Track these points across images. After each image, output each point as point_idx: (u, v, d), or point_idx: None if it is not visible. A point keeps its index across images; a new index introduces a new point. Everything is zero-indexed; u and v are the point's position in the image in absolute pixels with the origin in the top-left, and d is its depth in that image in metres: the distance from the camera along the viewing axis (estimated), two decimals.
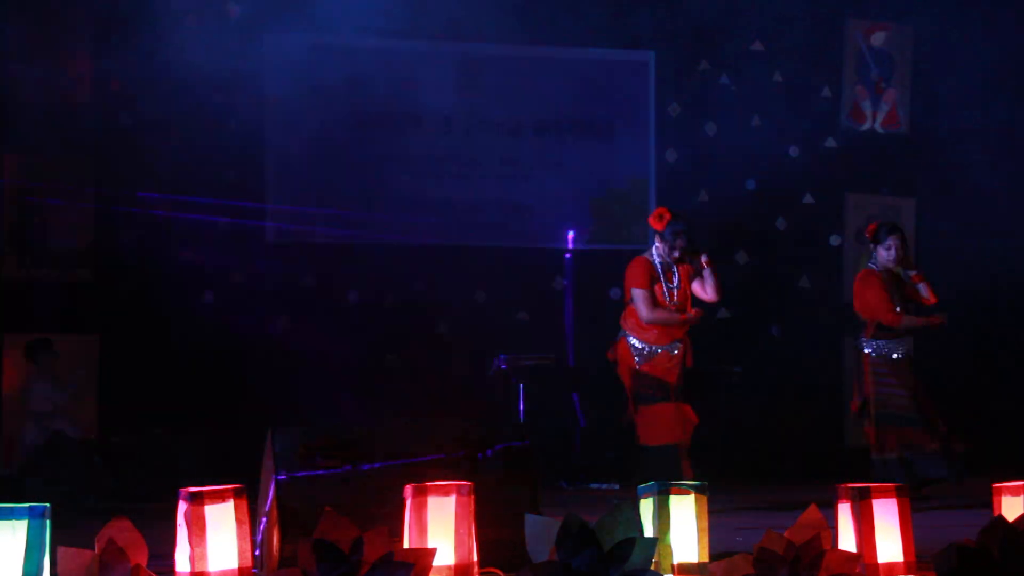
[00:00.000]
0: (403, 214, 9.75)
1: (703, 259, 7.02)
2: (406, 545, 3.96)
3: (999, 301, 10.73)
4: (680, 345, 7.06)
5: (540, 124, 10.04)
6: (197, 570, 3.83)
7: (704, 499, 4.25)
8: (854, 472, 9.75)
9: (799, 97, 10.40)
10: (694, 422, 7.04)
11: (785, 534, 3.69)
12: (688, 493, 4.21)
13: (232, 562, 3.90)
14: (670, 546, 4.14)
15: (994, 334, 10.73)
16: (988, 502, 4.55)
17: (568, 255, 9.47)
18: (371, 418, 8.90)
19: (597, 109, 10.13)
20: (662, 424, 6.93)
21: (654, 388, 6.97)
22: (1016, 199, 10.71)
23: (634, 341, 7.01)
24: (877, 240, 7.55)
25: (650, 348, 6.99)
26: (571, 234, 9.43)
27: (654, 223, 7.07)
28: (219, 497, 3.92)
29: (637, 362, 6.97)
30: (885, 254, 7.55)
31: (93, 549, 3.68)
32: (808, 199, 10.43)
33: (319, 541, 3.53)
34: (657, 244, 7.07)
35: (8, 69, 9.02)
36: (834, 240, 10.58)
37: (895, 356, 7.66)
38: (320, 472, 4.47)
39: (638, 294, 6.97)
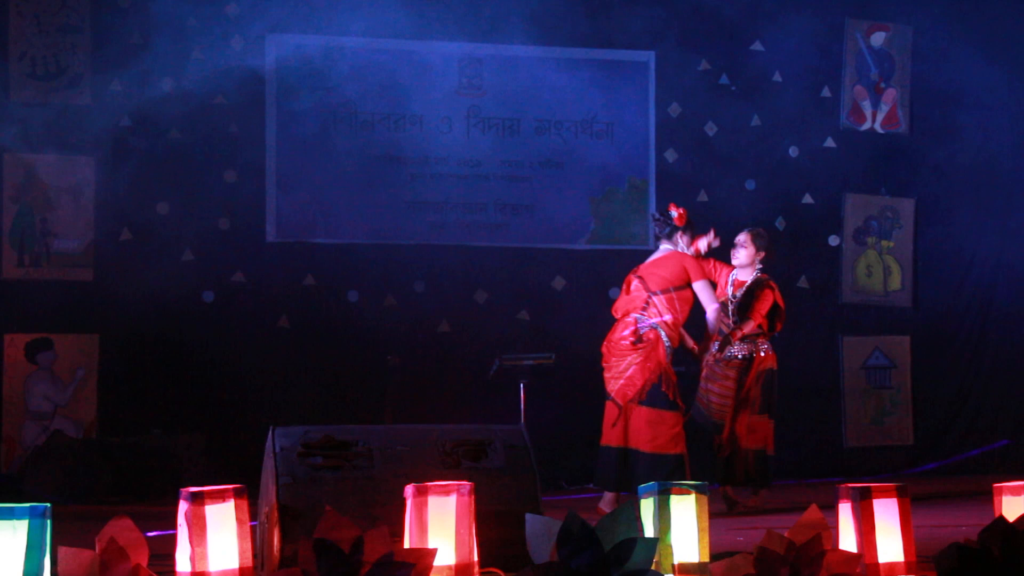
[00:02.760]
0: (403, 214, 9.75)
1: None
2: (407, 545, 3.96)
3: (998, 301, 10.74)
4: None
5: (540, 124, 10.04)
6: (198, 570, 3.83)
7: (704, 499, 4.25)
8: (854, 472, 9.81)
9: (799, 97, 10.40)
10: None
11: (786, 534, 3.69)
12: (688, 493, 4.21)
13: (232, 562, 3.90)
14: (670, 546, 4.14)
15: (993, 333, 10.73)
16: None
17: None
18: (371, 418, 8.91)
19: (597, 109, 10.12)
20: (676, 434, 6.83)
21: (675, 395, 6.89)
22: (1015, 199, 10.72)
23: (664, 338, 6.90)
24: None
25: (672, 350, 6.95)
26: None
27: (680, 221, 7.05)
28: (219, 497, 3.92)
29: (669, 363, 6.90)
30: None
31: (94, 549, 3.68)
32: (807, 199, 10.43)
33: (319, 541, 3.53)
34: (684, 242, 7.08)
35: (9, 69, 9.03)
36: (833, 240, 10.58)
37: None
38: (320, 472, 4.47)
39: (706, 286, 6.94)
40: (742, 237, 7.51)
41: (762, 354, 7.38)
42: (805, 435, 10.05)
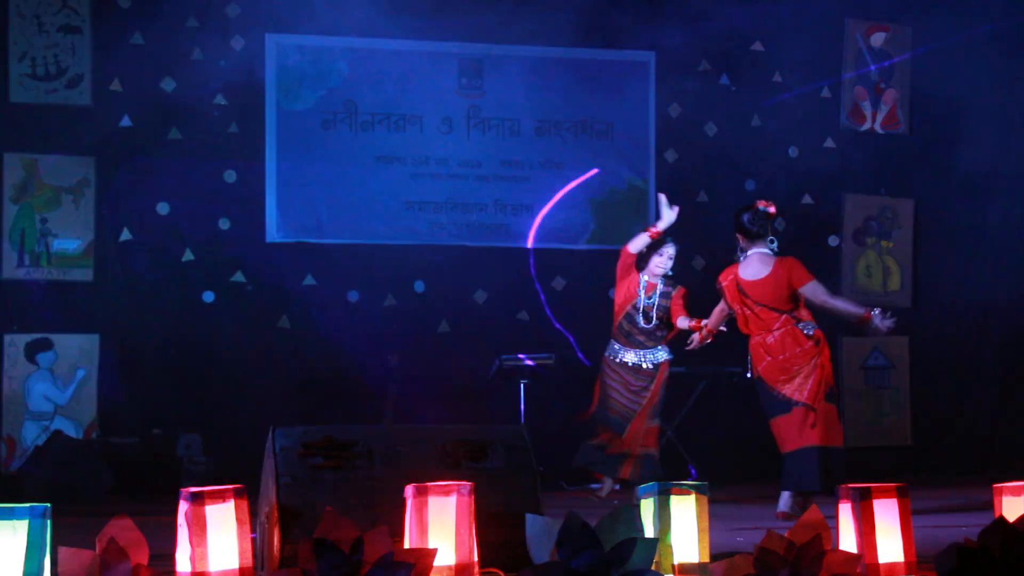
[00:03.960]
0: (403, 214, 9.75)
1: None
2: (406, 545, 3.96)
3: (997, 301, 10.73)
4: None
5: (540, 124, 10.04)
6: (198, 570, 3.83)
7: (705, 499, 4.25)
8: (855, 472, 9.79)
9: (799, 97, 10.40)
10: None
11: (786, 534, 3.69)
12: (688, 493, 4.21)
13: (232, 562, 3.90)
14: (670, 546, 4.14)
15: (992, 334, 10.73)
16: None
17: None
18: (371, 418, 8.91)
19: (597, 109, 10.12)
20: None
21: None
22: (1015, 199, 10.71)
23: None
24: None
25: None
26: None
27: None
28: (219, 497, 3.91)
29: None
30: (659, 260, 7.92)
31: (94, 549, 3.68)
32: (807, 199, 10.43)
33: (319, 541, 3.52)
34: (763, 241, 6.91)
35: (9, 69, 9.03)
36: (832, 241, 10.58)
37: (619, 360, 7.96)
38: (320, 472, 4.47)
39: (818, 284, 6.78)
40: (673, 249, 7.92)
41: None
42: None
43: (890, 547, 4.04)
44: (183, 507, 3.89)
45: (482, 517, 4.10)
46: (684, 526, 4.18)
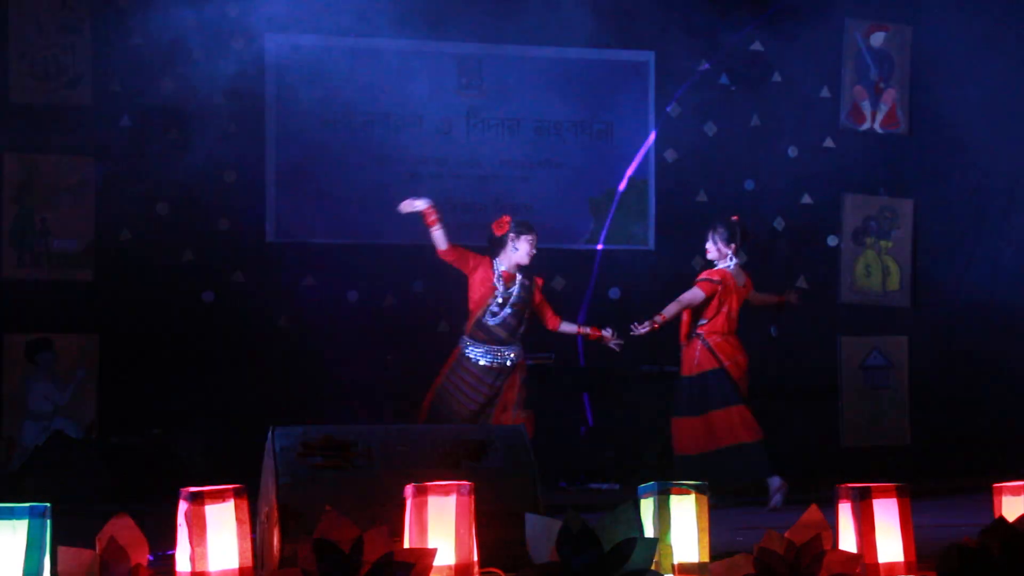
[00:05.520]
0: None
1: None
2: (406, 545, 3.97)
3: (996, 301, 10.73)
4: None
5: (540, 124, 10.04)
6: (197, 570, 3.83)
7: (704, 499, 4.25)
8: (854, 472, 9.79)
9: (798, 97, 10.40)
10: None
11: (785, 534, 3.70)
12: (688, 493, 4.21)
13: (232, 562, 3.90)
14: (670, 546, 4.15)
15: (991, 334, 10.72)
16: None
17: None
18: (371, 418, 8.91)
19: (597, 109, 10.12)
20: None
21: None
22: (1015, 200, 10.71)
23: None
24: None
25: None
26: None
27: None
28: (219, 497, 3.92)
29: None
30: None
31: (94, 549, 3.68)
32: (806, 199, 10.43)
33: (319, 541, 3.53)
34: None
35: (9, 69, 9.03)
36: (831, 240, 10.58)
37: (480, 361, 7.58)
38: (320, 472, 4.47)
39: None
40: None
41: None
42: (802, 435, 10.04)
43: (890, 547, 4.04)
44: (183, 507, 3.89)
45: (482, 517, 4.11)
46: (684, 526, 4.18)
